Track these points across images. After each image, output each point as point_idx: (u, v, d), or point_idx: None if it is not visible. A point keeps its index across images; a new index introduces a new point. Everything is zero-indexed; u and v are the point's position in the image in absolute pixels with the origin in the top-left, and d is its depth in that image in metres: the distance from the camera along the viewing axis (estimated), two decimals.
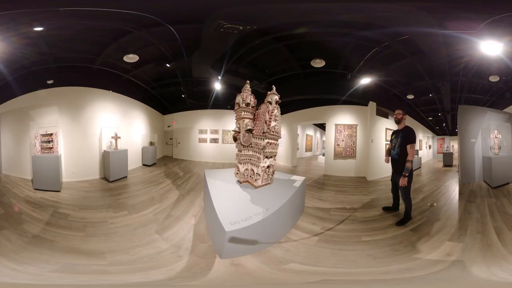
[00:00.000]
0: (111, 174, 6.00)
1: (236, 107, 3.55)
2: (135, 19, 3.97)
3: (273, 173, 3.64)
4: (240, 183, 3.61)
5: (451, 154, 8.68)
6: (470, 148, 6.40)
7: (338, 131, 7.67)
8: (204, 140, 9.32)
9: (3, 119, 5.22)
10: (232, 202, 2.94)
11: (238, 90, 3.63)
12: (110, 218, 3.58)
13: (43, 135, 5.24)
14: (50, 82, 5.41)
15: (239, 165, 3.57)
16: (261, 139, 3.34)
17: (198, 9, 3.51)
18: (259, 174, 3.39)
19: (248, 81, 3.49)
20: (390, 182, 4.22)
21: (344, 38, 4.55)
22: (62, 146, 5.46)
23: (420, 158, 8.41)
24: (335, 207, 4.48)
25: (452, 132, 8.78)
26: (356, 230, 3.47)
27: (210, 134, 9.30)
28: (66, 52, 5.18)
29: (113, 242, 2.83)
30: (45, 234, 2.95)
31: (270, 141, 3.37)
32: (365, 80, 5.92)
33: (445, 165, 8.57)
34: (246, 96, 3.38)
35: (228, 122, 8.15)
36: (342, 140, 7.64)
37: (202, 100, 7.73)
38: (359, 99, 6.99)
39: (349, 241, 3.18)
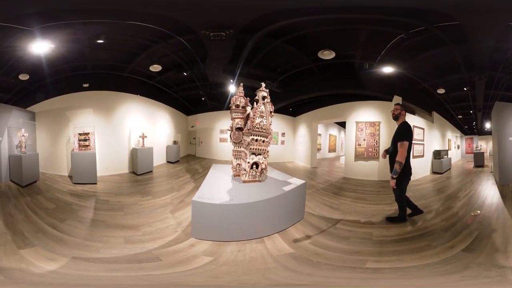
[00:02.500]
0: (138, 169, 6.69)
1: (230, 109, 3.84)
2: (155, 32, 4.41)
3: (262, 171, 3.53)
4: (234, 176, 3.84)
5: (482, 154, 8.00)
6: (507, 147, 5.84)
7: (359, 129, 7.07)
8: (225, 140, 9.67)
9: (40, 119, 5.92)
10: (215, 188, 3.27)
11: (253, 91, 3.78)
12: (139, 201, 4.33)
13: (80, 134, 5.91)
14: (86, 85, 6.13)
15: (233, 160, 3.79)
16: (247, 136, 3.47)
17: (181, 22, 3.87)
18: (246, 170, 3.51)
19: (241, 84, 3.70)
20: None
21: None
22: (97, 144, 6.10)
23: (450, 159, 7.76)
24: (345, 218, 3.65)
25: (481, 131, 8.06)
26: (362, 253, 2.62)
27: None
28: (102, 60, 5.78)
29: (142, 218, 3.54)
30: (97, 217, 3.56)
31: (255, 137, 3.42)
32: (388, 69, 5.16)
33: (476, 166, 7.85)
34: (236, 98, 3.64)
35: None
36: (364, 139, 7.02)
37: (222, 102, 8.07)
38: (382, 93, 6.28)
39: (335, 265, 2.38)
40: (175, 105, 9.52)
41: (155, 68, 6.08)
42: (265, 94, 3.47)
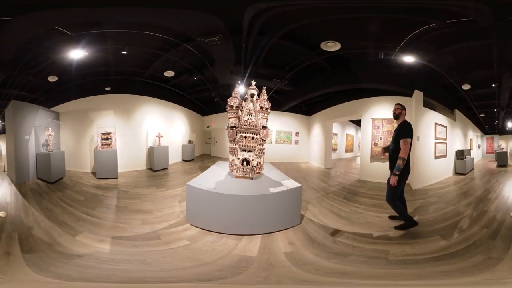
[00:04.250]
0: (155, 165, 7.17)
1: (226, 110, 4.04)
2: (165, 41, 4.75)
3: (252, 168, 3.55)
4: (230, 172, 3.97)
5: (505, 153, 7.82)
6: None
7: (376, 127, 6.62)
8: None
9: (64, 119, 6.35)
10: (208, 179, 3.55)
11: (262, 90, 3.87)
12: (154, 192, 4.93)
13: (102, 134, 6.39)
14: (107, 89, 6.64)
15: (230, 157, 3.95)
16: (238, 133, 3.64)
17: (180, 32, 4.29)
18: (236, 166, 3.64)
19: (237, 85, 3.80)
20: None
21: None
22: (117, 143, 6.55)
23: (473, 159, 7.28)
24: (352, 230, 3.11)
25: (502, 131, 7.86)
26: (360, 275, 2.18)
27: None
28: (123, 66, 6.21)
29: (155, 205, 4.08)
30: (120, 203, 4.16)
31: (244, 134, 3.56)
32: (409, 59, 4.63)
33: (499, 165, 7.60)
34: (230, 99, 3.79)
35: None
36: (381, 138, 6.56)
37: None
38: (401, 87, 5.82)
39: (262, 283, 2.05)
40: (191, 107, 9.93)
41: (169, 73, 6.45)
42: (253, 92, 3.62)
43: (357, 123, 12.42)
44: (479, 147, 8.67)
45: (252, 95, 3.60)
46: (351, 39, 4.47)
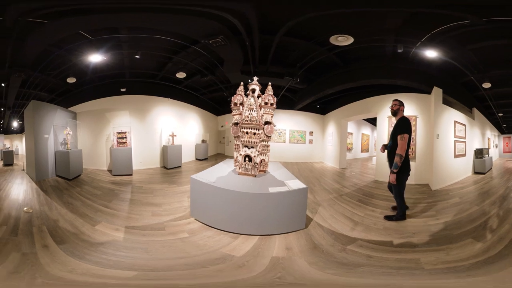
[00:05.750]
0: (168, 163, 7.34)
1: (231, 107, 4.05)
2: (175, 44, 4.94)
3: (254, 166, 3.42)
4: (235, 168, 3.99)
5: None
6: None
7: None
8: None
9: (81, 119, 6.62)
10: (212, 174, 3.55)
11: (273, 88, 3.81)
12: (166, 188, 5.20)
13: (118, 133, 6.61)
14: (123, 90, 6.85)
15: (234, 153, 3.91)
16: (240, 129, 3.60)
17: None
18: (239, 162, 3.56)
19: (242, 83, 3.76)
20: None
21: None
22: (132, 142, 6.75)
23: (491, 158, 6.92)
24: (367, 238, 2.76)
25: None
26: None
27: None
28: (137, 68, 6.44)
29: (166, 199, 4.30)
30: (134, 197, 4.43)
31: (245, 130, 3.51)
32: (431, 54, 4.34)
33: None
34: (234, 97, 3.75)
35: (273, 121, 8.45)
36: None
37: None
38: (420, 84, 5.56)
39: None
40: (205, 107, 10.05)
41: (181, 75, 6.59)
42: (254, 87, 3.53)
43: (373, 122, 12.12)
44: (496, 147, 8.35)
45: (253, 90, 3.51)
46: (366, 33, 4.19)
